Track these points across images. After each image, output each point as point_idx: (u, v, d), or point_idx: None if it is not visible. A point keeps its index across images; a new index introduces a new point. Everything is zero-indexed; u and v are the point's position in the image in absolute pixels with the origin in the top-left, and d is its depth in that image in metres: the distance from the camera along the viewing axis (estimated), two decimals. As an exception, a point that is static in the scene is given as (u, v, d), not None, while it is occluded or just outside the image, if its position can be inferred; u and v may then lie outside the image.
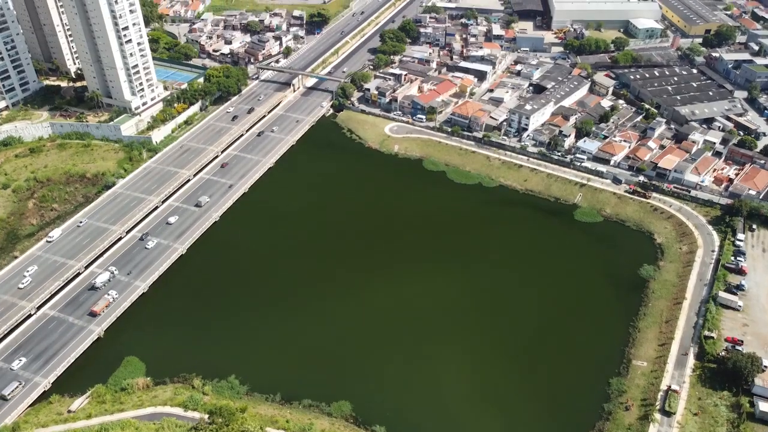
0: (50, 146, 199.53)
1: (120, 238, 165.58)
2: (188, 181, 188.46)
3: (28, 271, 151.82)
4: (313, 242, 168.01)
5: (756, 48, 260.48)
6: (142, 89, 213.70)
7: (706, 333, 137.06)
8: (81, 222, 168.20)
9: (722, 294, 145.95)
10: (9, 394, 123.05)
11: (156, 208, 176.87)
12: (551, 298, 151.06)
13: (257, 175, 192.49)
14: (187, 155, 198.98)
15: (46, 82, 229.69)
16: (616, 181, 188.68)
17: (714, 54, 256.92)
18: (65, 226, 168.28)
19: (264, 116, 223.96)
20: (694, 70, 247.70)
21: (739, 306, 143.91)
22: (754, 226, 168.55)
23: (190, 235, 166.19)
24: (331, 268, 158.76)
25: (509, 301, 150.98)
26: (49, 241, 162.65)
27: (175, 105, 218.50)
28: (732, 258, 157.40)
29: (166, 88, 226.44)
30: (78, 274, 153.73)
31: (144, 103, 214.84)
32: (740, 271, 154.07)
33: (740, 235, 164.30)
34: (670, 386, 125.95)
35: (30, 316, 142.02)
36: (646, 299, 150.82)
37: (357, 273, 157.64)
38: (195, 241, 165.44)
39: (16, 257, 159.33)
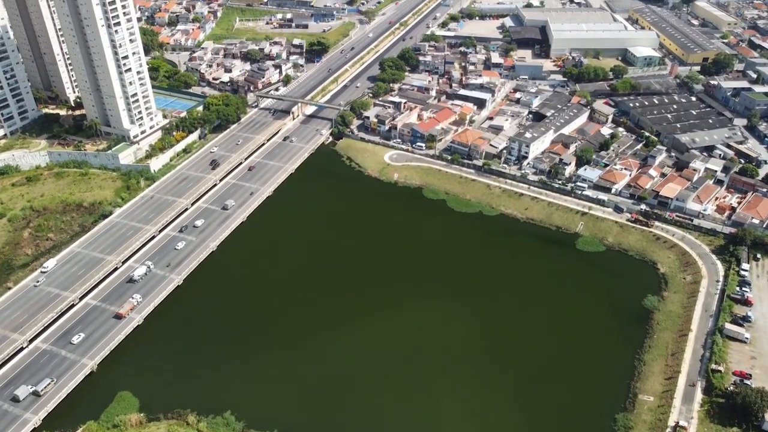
0: (47, 175, 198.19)
1: (116, 269, 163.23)
2: (186, 210, 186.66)
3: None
4: (311, 274, 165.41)
5: (754, 76, 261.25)
6: (141, 118, 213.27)
7: (714, 366, 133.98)
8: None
9: (728, 326, 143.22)
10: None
11: (153, 237, 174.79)
12: (554, 330, 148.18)
13: (256, 203, 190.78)
14: (185, 184, 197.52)
15: (45, 111, 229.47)
16: (618, 209, 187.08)
17: (712, 82, 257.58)
18: (60, 256, 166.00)
19: (263, 144, 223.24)
20: (693, 98, 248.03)
21: (746, 338, 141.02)
22: (759, 256, 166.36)
23: (187, 266, 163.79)
24: (329, 301, 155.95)
25: (511, 333, 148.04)
26: (44, 272, 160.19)
27: (174, 133, 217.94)
28: (737, 288, 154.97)
29: (165, 117, 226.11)
30: (72, 306, 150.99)
31: (143, 132, 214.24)
32: (746, 302, 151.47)
33: (745, 265, 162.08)
34: (678, 422, 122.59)
35: (22, 349, 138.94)
36: (651, 331, 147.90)
37: (356, 306, 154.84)
38: (192, 271, 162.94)
39: (9, 288, 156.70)
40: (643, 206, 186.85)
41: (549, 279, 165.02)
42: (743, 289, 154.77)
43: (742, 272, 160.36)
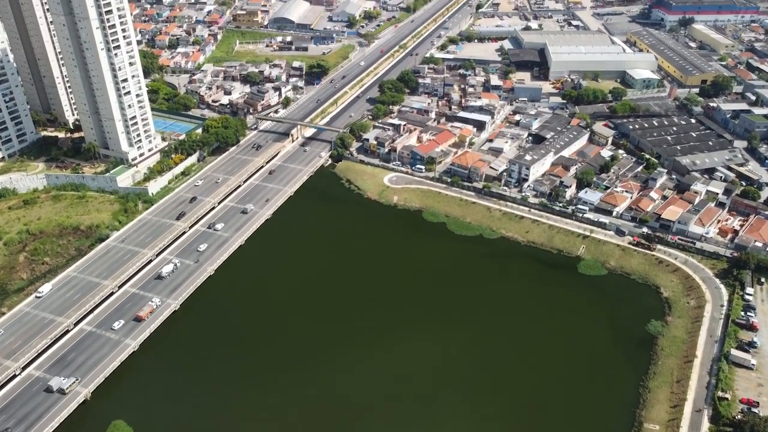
0: (44, 198, 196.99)
1: (112, 293, 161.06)
2: (184, 233, 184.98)
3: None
4: (310, 298, 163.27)
5: (753, 98, 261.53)
6: (140, 140, 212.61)
7: (720, 394, 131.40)
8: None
9: (734, 352, 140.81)
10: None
11: (150, 261, 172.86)
12: (556, 356, 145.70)
13: (254, 226, 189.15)
14: (183, 206, 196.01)
15: (44, 133, 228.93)
16: (620, 232, 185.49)
17: (711, 104, 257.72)
18: (56, 280, 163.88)
19: (262, 166, 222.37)
20: (693, 120, 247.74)
21: (753, 365, 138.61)
22: (763, 280, 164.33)
23: (184, 290, 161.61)
24: (328, 328, 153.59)
25: (512, 358, 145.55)
26: (39, 297, 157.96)
27: (173, 156, 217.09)
28: (742, 313, 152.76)
29: (164, 139, 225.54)
30: (66, 332, 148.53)
31: (141, 154, 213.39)
32: (751, 327, 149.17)
33: (749, 289, 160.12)
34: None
35: (14, 376, 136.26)
36: (656, 357, 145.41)
37: (355, 330, 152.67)
38: (189, 296, 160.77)
39: (3, 313, 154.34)
40: (645, 229, 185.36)
41: (551, 303, 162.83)
42: (748, 313, 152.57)
43: (747, 297, 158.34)
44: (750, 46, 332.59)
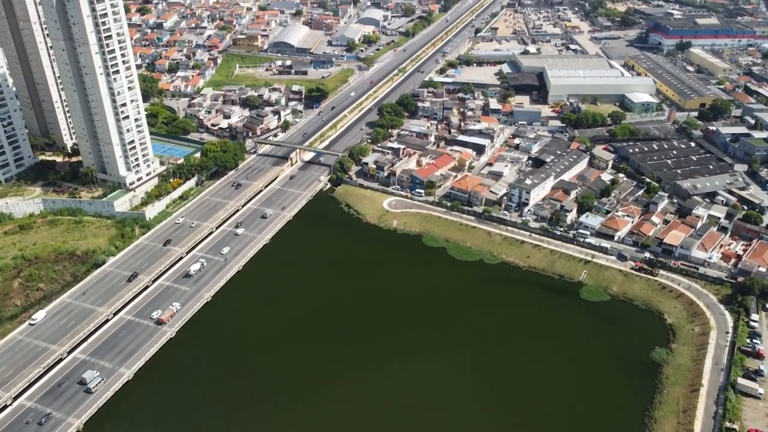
0: (41, 223, 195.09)
1: (107, 320, 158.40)
2: (181, 258, 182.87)
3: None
4: (309, 326, 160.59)
5: (752, 121, 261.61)
6: (138, 164, 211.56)
7: (728, 424, 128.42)
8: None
9: (741, 380, 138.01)
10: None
11: (146, 287, 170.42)
12: (559, 384, 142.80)
13: (252, 252, 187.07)
14: (181, 232, 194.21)
15: (42, 157, 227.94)
16: (622, 257, 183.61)
17: (711, 127, 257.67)
18: (50, 307, 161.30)
19: (261, 191, 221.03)
20: (693, 144, 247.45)
21: (760, 394, 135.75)
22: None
23: (180, 317, 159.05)
24: (325, 354, 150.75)
25: (514, 386, 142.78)
26: (32, 324, 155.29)
27: (171, 180, 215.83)
28: (748, 340, 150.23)
29: (162, 163, 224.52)
30: (60, 360, 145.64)
31: (139, 179, 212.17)
32: (758, 355, 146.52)
33: (754, 316, 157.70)
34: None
35: (6, 407, 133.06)
36: (661, 386, 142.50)
37: (353, 360, 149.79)
38: (185, 323, 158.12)
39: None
40: (647, 254, 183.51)
41: (553, 330, 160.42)
42: (754, 341, 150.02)
43: (752, 323, 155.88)
44: (747, 69, 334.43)
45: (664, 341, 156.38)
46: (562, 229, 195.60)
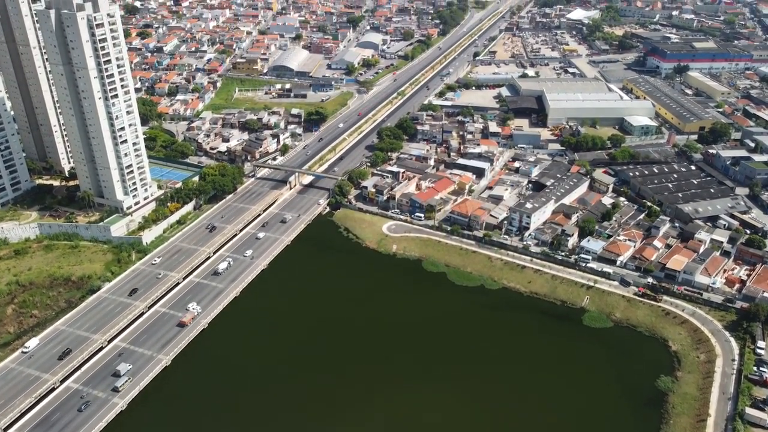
0: (36, 248, 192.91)
1: (101, 348, 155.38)
2: (177, 284, 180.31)
3: None
4: (306, 352, 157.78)
5: (752, 144, 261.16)
6: (135, 189, 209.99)
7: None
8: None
9: (749, 410, 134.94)
10: None
11: (141, 314, 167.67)
12: (563, 413, 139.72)
13: (249, 277, 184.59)
14: (178, 257, 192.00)
15: (39, 181, 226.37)
16: (624, 283, 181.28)
17: (711, 151, 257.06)
18: (44, 334, 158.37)
19: (259, 215, 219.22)
20: (693, 167, 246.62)
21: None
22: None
23: (176, 345, 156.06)
24: (324, 381, 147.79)
25: (516, 416, 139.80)
26: (25, 352, 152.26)
27: (169, 204, 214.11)
28: (755, 368, 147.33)
29: (160, 187, 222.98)
30: (53, 389, 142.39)
31: (136, 203, 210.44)
32: (765, 384, 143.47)
33: (760, 343, 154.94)
34: None
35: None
36: (667, 416, 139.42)
37: (353, 387, 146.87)
38: (181, 351, 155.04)
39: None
40: (649, 279, 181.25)
41: (556, 357, 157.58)
42: (761, 369, 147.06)
43: (758, 350, 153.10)
44: (746, 93, 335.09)
45: (669, 369, 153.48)
46: (563, 253, 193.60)
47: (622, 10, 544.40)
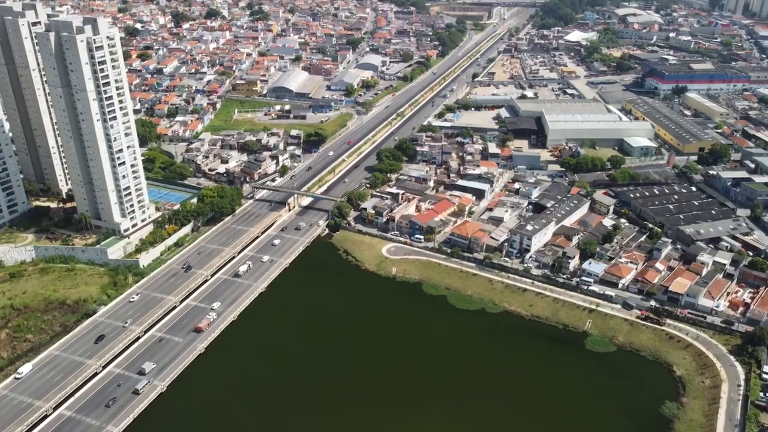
0: (32, 271, 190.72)
1: (96, 374, 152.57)
2: (174, 308, 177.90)
3: None
4: (304, 377, 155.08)
5: (752, 165, 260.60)
6: (133, 211, 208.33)
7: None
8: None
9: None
10: None
11: (138, 338, 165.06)
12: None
13: (247, 301, 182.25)
14: (175, 280, 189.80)
15: (36, 203, 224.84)
16: (627, 306, 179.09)
17: (711, 172, 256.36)
18: (37, 360, 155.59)
19: (257, 237, 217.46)
20: (693, 188, 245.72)
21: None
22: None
23: (173, 370, 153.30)
24: (322, 406, 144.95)
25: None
26: (18, 378, 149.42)
27: (166, 226, 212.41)
28: (761, 394, 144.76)
29: (158, 209, 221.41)
30: (45, 416, 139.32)
31: (134, 225, 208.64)
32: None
33: (766, 368, 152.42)
34: None
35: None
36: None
37: (351, 413, 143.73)
38: (177, 376, 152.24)
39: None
40: (652, 302, 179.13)
41: (558, 382, 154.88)
42: (767, 394, 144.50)
43: (764, 375, 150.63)
44: (744, 114, 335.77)
45: (674, 394, 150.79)
46: (564, 276, 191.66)
47: (620, 31, 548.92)
